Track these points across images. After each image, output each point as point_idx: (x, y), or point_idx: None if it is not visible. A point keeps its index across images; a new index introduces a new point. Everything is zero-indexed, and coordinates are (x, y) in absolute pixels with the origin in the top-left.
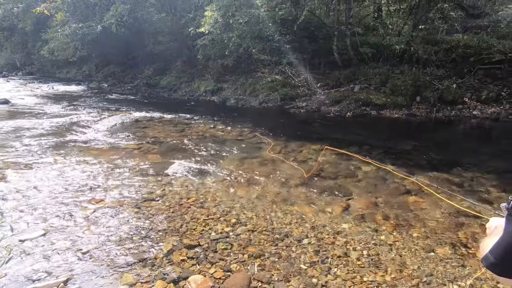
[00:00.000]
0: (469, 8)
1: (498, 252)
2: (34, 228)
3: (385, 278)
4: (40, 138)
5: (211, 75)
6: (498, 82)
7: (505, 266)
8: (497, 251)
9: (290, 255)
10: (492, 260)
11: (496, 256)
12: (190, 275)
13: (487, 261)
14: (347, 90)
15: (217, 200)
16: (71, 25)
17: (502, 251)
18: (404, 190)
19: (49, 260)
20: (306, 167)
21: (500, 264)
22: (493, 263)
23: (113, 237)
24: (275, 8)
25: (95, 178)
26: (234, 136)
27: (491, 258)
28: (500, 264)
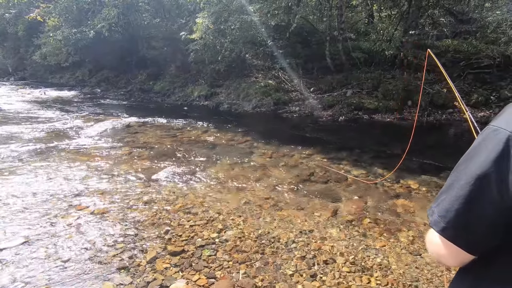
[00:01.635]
0: (458, 14)
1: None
2: (13, 237)
3: (371, 283)
4: (28, 144)
5: (205, 80)
6: (487, 86)
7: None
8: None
9: (276, 261)
10: (444, 224)
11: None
12: (172, 283)
13: (437, 225)
14: (339, 94)
15: (204, 206)
16: (64, 30)
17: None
18: (393, 194)
19: (28, 269)
20: (296, 172)
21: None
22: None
23: (96, 244)
24: (268, 14)
25: (81, 184)
26: (226, 141)
27: (442, 223)
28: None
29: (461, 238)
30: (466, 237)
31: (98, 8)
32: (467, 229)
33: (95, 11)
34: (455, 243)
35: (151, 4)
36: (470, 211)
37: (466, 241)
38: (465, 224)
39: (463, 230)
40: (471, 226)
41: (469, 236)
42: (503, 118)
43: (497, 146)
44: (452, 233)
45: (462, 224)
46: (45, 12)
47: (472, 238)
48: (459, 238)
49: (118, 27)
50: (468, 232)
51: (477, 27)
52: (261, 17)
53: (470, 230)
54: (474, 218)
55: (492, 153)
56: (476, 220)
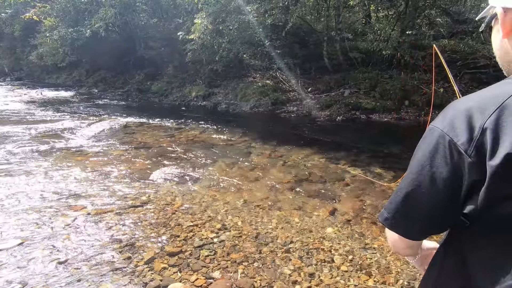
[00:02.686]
0: (454, 14)
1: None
2: (10, 238)
3: (368, 283)
4: (24, 145)
5: (202, 80)
6: (483, 86)
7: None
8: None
9: (275, 261)
10: (386, 215)
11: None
12: (170, 283)
13: (381, 216)
14: (337, 94)
15: (202, 206)
16: (61, 30)
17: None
18: (391, 194)
19: (25, 271)
20: (294, 171)
21: (391, 217)
22: (387, 217)
23: (93, 245)
24: (265, 14)
25: (78, 185)
26: (224, 141)
27: (385, 214)
28: (391, 217)
29: (401, 226)
30: (405, 226)
31: (95, 8)
32: (406, 218)
33: (92, 11)
34: (394, 230)
35: (148, 4)
36: (407, 201)
37: (405, 229)
38: (404, 214)
39: (403, 219)
40: (410, 216)
41: (408, 225)
42: (439, 117)
43: (430, 143)
44: (391, 222)
45: (401, 214)
46: (42, 12)
47: (411, 227)
48: (399, 227)
49: (115, 27)
50: (407, 221)
51: (474, 27)
52: (259, 16)
53: (409, 219)
54: (410, 207)
55: (426, 149)
56: (411, 209)
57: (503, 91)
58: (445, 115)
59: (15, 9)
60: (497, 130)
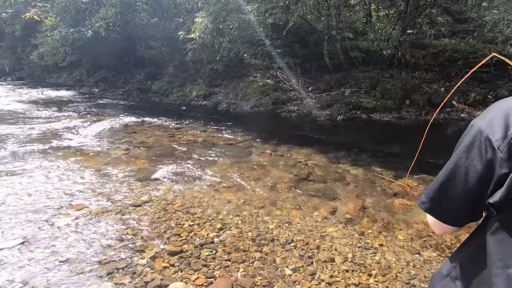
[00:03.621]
0: (455, 13)
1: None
2: (12, 237)
3: (369, 282)
4: (25, 144)
5: (203, 80)
6: (484, 85)
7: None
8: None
9: (275, 260)
10: (424, 199)
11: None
12: (171, 283)
13: (420, 200)
14: (338, 94)
15: (203, 205)
16: (61, 29)
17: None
18: (392, 193)
19: (26, 270)
20: (295, 171)
21: (429, 201)
22: (424, 201)
23: (94, 245)
24: (265, 13)
25: (79, 185)
26: (224, 140)
27: (423, 198)
28: (428, 201)
29: (436, 211)
30: (440, 211)
31: (95, 7)
32: (441, 204)
33: (93, 11)
34: (429, 213)
35: (149, 4)
36: (442, 188)
37: (440, 214)
38: (439, 200)
39: (438, 204)
40: (444, 202)
41: (443, 210)
42: (480, 115)
43: (468, 138)
44: (426, 206)
45: (437, 200)
46: (42, 12)
47: (445, 212)
48: (435, 211)
49: (115, 26)
50: (441, 207)
51: (475, 26)
52: (259, 16)
53: (443, 205)
54: (444, 194)
55: (464, 143)
56: (445, 196)
57: None
58: (486, 113)
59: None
60: None
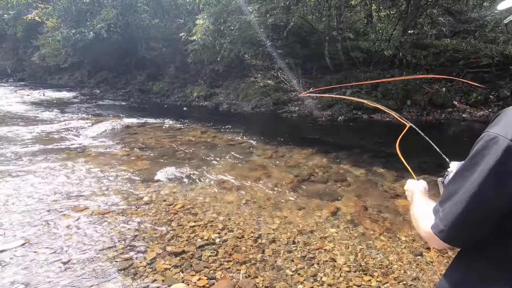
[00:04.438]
0: (457, 13)
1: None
2: (13, 238)
3: (370, 283)
4: (27, 145)
5: (204, 81)
6: (486, 85)
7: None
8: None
9: (277, 261)
10: (442, 227)
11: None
12: (172, 284)
13: (436, 228)
14: (338, 94)
15: (204, 206)
16: (63, 31)
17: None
18: (393, 194)
19: (27, 271)
20: (296, 171)
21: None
22: (443, 230)
23: (96, 246)
24: (266, 14)
25: (81, 185)
26: (225, 141)
27: (441, 226)
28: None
29: (456, 239)
30: (459, 239)
31: (96, 9)
32: (462, 232)
33: (94, 12)
34: (450, 243)
35: (150, 5)
36: (469, 217)
37: (458, 242)
38: (461, 228)
39: (459, 233)
40: (467, 230)
41: (462, 238)
42: (501, 125)
43: (495, 154)
44: (448, 235)
45: (458, 228)
46: (44, 13)
47: (460, 239)
48: (454, 240)
49: (117, 28)
50: (462, 235)
51: (476, 26)
52: (260, 16)
53: (465, 233)
54: (471, 224)
55: (491, 161)
56: (472, 225)
57: None
58: (499, 121)
59: (18, 10)
60: None
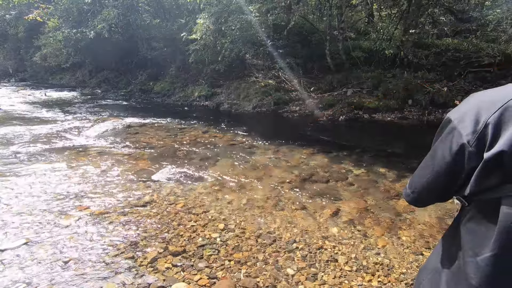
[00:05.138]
0: (458, 13)
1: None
2: (15, 238)
3: (372, 283)
4: (29, 145)
5: (205, 80)
6: (488, 85)
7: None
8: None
9: (278, 261)
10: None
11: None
12: (174, 283)
13: (404, 192)
14: (340, 94)
15: (206, 205)
16: (64, 30)
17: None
18: (394, 194)
19: (29, 270)
20: (297, 171)
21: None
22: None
23: (97, 245)
24: (267, 14)
25: (82, 185)
26: (226, 141)
27: (408, 190)
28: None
29: (418, 200)
30: (420, 200)
31: (97, 9)
32: (421, 193)
33: (95, 12)
34: (415, 205)
35: (151, 5)
36: (422, 179)
37: (420, 202)
38: (419, 190)
39: (419, 195)
40: (423, 191)
41: (421, 199)
42: (456, 108)
43: (442, 131)
44: (414, 197)
45: (418, 190)
46: (45, 13)
47: (422, 200)
48: (417, 201)
49: (118, 27)
50: (421, 196)
51: (478, 26)
52: (261, 16)
53: (422, 194)
54: (424, 185)
55: (439, 135)
56: (425, 186)
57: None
58: (460, 107)
59: (19, 11)
60: (498, 127)
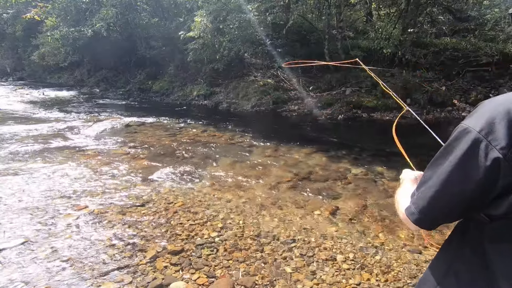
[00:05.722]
0: (456, 12)
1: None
2: (13, 237)
3: (370, 281)
4: (27, 144)
5: (204, 80)
6: (486, 84)
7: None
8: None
9: (276, 259)
10: (413, 210)
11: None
12: (172, 282)
13: (408, 210)
14: (338, 93)
15: (204, 204)
16: (62, 29)
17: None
18: (393, 192)
19: (27, 269)
20: (296, 170)
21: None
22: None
23: (95, 244)
24: (266, 12)
25: (80, 184)
26: (225, 140)
27: (413, 209)
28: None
29: (425, 222)
30: (429, 222)
31: (96, 7)
32: (431, 216)
33: (93, 11)
34: (420, 226)
35: (150, 4)
36: (436, 200)
37: (427, 225)
38: (429, 212)
39: (428, 216)
40: (434, 214)
41: (431, 221)
42: (474, 117)
43: (465, 145)
44: (419, 218)
45: (427, 212)
46: (43, 12)
47: (432, 223)
48: (424, 223)
49: (116, 26)
50: (431, 218)
51: (476, 25)
52: (259, 15)
53: (433, 216)
54: (438, 208)
55: (460, 151)
56: (439, 209)
57: None
58: (482, 115)
59: (17, 9)
60: None
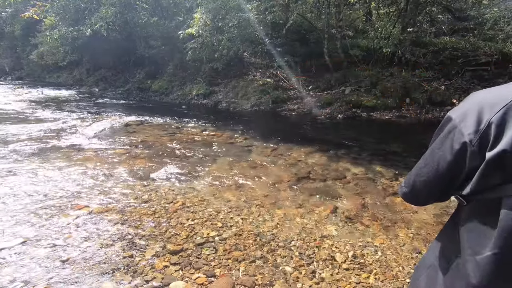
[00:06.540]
0: (456, 11)
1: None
2: (12, 236)
3: (369, 280)
4: (25, 144)
5: (203, 79)
6: (485, 83)
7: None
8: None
9: (276, 259)
10: (405, 190)
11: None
12: (172, 282)
13: (400, 190)
14: (338, 92)
15: (204, 204)
16: (61, 28)
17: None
18: (392, 192)
19: (27, 269)
20: (295, 169)
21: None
22: (405, 192)
23: (95, 244)
24: (265, 12)
25: (79, 184)
26: (224, 139)
27: (404, 188)
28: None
29: (414, 199)
30: (417, 198)
31: (95, 7)
32: (418, 191)
33: (92, 10)
34: (411, 203)
35: (149, 3)
36: (420, 178)
37: (416, 201)
38: (416, 188)
39: (416, 192)
40: (420, 190)
41: (418, 198)
42: (457, 107)
43: (443, 129)
44: (409, 195)
45: (414, 188)
46: (42, 11)
47: (419, 199)
48: (413, 199)
49: (115, 26)
50: (418, 194)
51: (475, 24)
52: (259, 14)
53: (419, 192)
54: (421, 183)
55: (439, 134)
56: (423, 185)
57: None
58: (462, 106)
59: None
60: (501, 126)
